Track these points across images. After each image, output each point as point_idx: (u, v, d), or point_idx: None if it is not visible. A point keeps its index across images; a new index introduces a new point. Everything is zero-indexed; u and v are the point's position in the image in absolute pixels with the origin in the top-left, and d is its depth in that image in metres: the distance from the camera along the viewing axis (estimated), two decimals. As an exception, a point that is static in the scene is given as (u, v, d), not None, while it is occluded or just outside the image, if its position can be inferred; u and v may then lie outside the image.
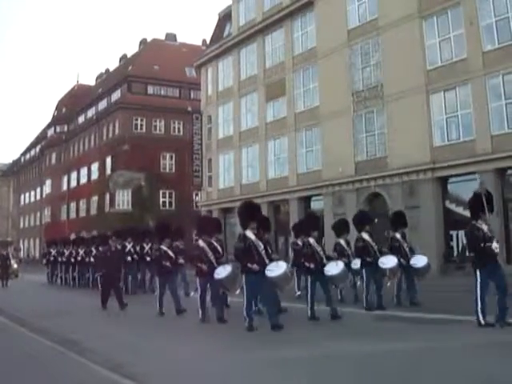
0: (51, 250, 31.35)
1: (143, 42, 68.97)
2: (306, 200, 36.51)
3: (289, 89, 38.04)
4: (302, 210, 35.67)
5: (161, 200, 56.73)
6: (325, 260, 12.70)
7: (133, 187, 55.64)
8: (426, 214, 28.11)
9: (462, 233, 26.49)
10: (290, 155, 37.62)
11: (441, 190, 28.41)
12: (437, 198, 28.22)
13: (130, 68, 61.83)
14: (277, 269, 11.20)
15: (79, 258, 26.51)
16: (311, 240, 12.85)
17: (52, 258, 30.83)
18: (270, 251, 11.77)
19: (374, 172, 31.15)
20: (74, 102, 72.68)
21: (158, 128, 58.05)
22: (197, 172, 47.47)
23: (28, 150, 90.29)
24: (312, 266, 12.51)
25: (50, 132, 76.34)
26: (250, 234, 11.42)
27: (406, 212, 28.83)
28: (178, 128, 58.40)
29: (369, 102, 32.02)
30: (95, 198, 61.95)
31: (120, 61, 72.32)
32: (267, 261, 11.34)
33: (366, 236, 14.38)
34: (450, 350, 8.55)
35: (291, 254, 18.43)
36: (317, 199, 35.51)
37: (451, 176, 28.06)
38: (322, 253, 12.71)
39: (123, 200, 56.41)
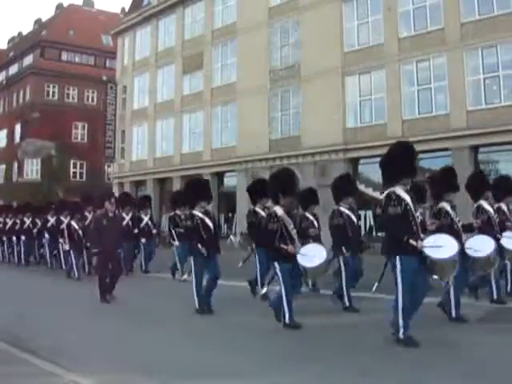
0: None
1: (59, 6, 66.68)
2: (220, 175, 36.48)
3: (206, 63, 37.72)
4: (215, 185, 35.57)
5: (71, 171, 55.40)
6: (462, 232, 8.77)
7: (42, 156, 54.07)
8: (337, 193, 28.61)
9: (369, 213, 27.32)
10: (205, 130, 37.41)
11: (352, 170, 28.93)
12: (348, 179, 28.71)
13: (43, 32, 59.75)
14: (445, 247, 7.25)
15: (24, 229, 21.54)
16: (447, 206, 8.96)
17: None
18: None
19: (287, 150, 31.40)
20: (-17, 65, 69.76)
21: (70, 96, 56.54)
22: (109, 143, 46.57)
23: None
24: None
25: (-44, 95, 73.06)
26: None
27: (318, 191, 29.47)
28: (92, 97, 57.08)
29: (285, 81, 32.20)
30: (2, 167, 59.86)
31: (34, 25, 69.78)
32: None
33: (487, 206, 10.55)
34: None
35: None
36: (230, 175, 35.54)
37: (362, 157, 28.66)
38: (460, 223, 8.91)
39: (32, 169, 54.81)
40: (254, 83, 33.32)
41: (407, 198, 7.32)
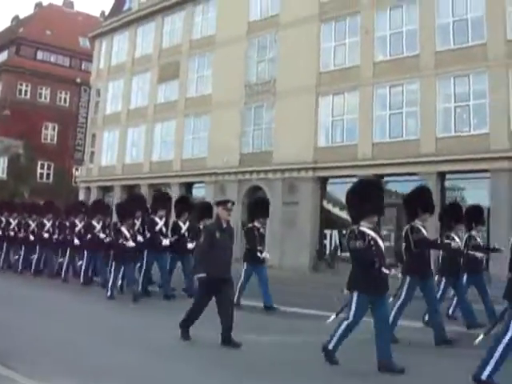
0: None
1: (38, 5, 66.20)
2: (188, 186, 36.36)
3: (182, 73, 37.66)
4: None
5: (38, 171, 54.65)
6: None
7: (9, 155, 53.31)
8: (303, 210, 28.88)
9: (335, 232, 27.64)
10: (177, 140, 37.29)
11: (320, 189, 29.14)
12: (315, 197, 28.95)
13: (20, 30, 59.17)
14: None
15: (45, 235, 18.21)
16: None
17: None
18: None
19: (257, 165, 31.46)
20: (-44, 59, 68.81)
21: (43, 96, 55.96)
22: (79, 146, 46.07)
23: None
24: None
25: None
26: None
27: (284, 208, 29.66)
28: (65, 98, 56.52)
29: (260, 96, 32.32)
30: (-32, 164, 58.94)
31: (12, 22, 69.16)
32: None
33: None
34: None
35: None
36: (199, 186, 35.45)
37: (331, 177, 28.84)
38: None
39: (-2, 167, 54.05)
40: (228, 96, 33.35)
41: None
